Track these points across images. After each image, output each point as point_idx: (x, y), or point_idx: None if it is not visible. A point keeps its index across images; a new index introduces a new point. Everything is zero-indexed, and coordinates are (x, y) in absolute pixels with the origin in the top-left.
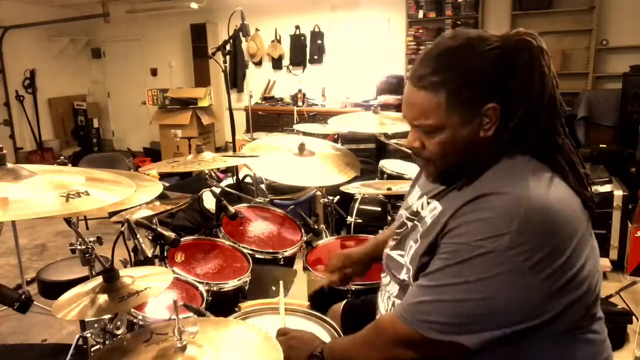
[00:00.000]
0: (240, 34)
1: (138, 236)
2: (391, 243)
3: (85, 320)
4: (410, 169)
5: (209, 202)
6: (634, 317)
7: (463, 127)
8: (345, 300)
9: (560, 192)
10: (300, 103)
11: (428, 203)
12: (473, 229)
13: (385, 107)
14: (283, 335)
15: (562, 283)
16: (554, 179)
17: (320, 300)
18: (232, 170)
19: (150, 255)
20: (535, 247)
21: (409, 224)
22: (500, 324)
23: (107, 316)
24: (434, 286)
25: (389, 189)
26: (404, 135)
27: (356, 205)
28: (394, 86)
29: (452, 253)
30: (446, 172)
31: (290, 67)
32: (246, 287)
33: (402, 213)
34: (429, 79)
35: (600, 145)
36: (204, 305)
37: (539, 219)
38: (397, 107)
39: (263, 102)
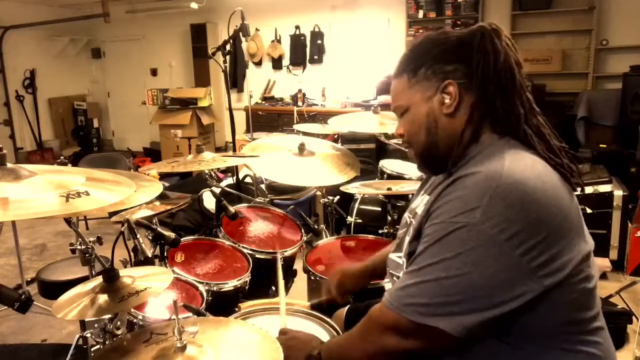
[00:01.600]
0: (240, 34)
1: (138, 236)
2: (392, 247)
3: (85, 320)
4: (410, 169)
5: (209, 202)
6: (634, 317)
7: (424, 103)
8: (348, 305)
9: (540, 170)
10: (300, 103)
11: (423, 199)
12: (448, 208)
13: (385, 107)
14: (283, 335)
15: (542, 261)
16: (533, 157)
17: (321, 303)
18: (232, 170)
19: (150, 255)
20: (510, 220)
21: (409, 224)
22: (481, 304)
23: (107, 316)
24: (417, 269)
25: (389, 189)
26: None
27: (356, 205)
28: None
29: (431, 234)
30: (425, 155)
31: (290, 67)
32: (246, 287)
33: (406, 216)
34: (397, 69)
35: (600, 145)
36: (204, 305)
37: (513, 193)
38: None
39: (263, 102)
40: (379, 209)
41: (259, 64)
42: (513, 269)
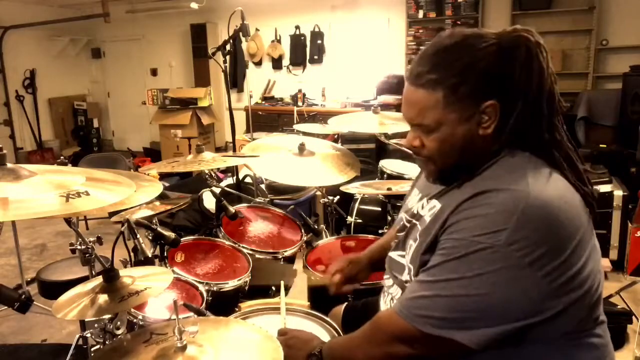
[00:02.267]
0: (240, 34)
1: (138, 236)
2: (392, 246)
3: (85, 320)
4: (410, 169)
5: (209, 202)
6: (634, 317)
7: (461, 124)
8: (346, 303)
9: (561, 189)
10: (300, 103)
11: (427, 203)
12: (471, 225)
13: (385, 107)
14: (283, 335)
15: (563, 281)
16: (554, 175)
17: (321, 302)
18: (232, 170)
19: (150, 255)
20: (535, 244)
21: (409, 225)
22: (497, 321)
23: (107, 316)
24: (432, 281)
25: (389, 189)
26: (403, 135)
27: (356, 205)
28: (394, 86)
29: (450, 249)
30: (446, 170)
31: (290, 67)
32: (246, 287)
33: (402, 216)
34: (426, 77)
35: (600, 145)
36: (204, 305)
37: (538, 216)
38: (397, 107)
39: (263, 102)
40: (379, 209)
41: (259, 64)
42: (534, 290)
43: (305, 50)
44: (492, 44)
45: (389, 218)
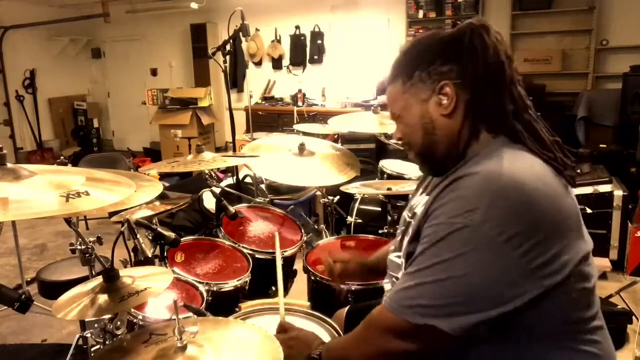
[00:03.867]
0: (240, 34)
1: (138, 236)
2: (391, 248)
3: (85, 320)
4: (410, 169)
5: (209, 202)
6: (634, 317)
7: (419, 106)
8: (348, 306)
9: (540, 172)
10: (300, 103)
11: (422, 199)
12: (448, 209)
13: (385, 107)
14: (283, 331)
15: (542, 262)
16: (532, 157)
17: (321, 302)
18: (232, 170)
19: (150, 255)
20: (509, 222)
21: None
22: (480, 305)
23: (107, 316)
24: (417, 270)
25: (389, 189)
26: None
27: (356, 205)
28: None
29: (430, 235)
30: (424, 155)
31: (290, 67)
32: (246, 287)
33: (404, 215)
34: (391, 74)
35: (600, 145)
36: (204, 305)
37: (512, 195)
38: None
39: (263, 102)
40: (379, 209)
41: (259, 64)
42: (513, 270)
43: (305, 50)
44: (443, 35)
45: (389, 218)
